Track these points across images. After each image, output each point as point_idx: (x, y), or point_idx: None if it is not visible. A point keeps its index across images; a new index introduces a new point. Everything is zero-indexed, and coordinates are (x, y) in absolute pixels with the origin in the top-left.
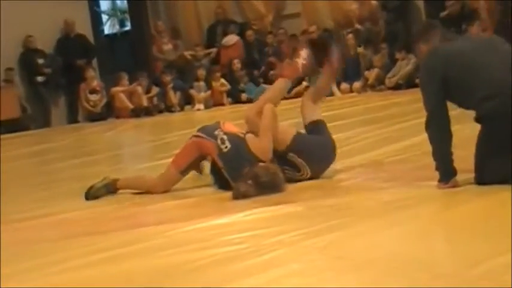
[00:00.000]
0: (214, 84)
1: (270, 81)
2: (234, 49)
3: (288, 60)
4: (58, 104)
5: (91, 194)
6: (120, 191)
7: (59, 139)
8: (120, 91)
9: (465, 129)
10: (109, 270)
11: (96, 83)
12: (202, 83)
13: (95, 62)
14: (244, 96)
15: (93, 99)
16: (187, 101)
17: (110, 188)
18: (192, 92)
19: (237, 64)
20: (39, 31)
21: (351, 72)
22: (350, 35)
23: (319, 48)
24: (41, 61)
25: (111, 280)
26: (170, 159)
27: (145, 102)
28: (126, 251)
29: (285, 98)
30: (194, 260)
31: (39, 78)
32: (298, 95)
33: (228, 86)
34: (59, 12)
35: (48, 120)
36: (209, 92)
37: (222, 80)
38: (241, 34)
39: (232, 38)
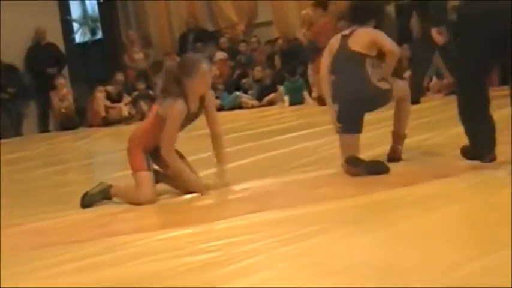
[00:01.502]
0: None
1: (243, 90)
2: (221, 65)
3: None
4: (29, 113)
5: (86, 201)
6: (114, 198)
7: (31, 148)
8: (102, 91)
9: None
10: (83, 279)
11: (65, 90)
12: None
13: (65, 70)
14: (217, 102)
15: (65, 106)
16: None
17: (105, 194)
18: None
19: (215, 71)
20: (10, 39)
21: None
22: None
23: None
24: (4, 81)
25: None
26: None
27: (125, 112)
28: (100, 260)
29: (258, 106)
30: (168, 269)
31: (2, 95)
32: (271, 102)
33: None
34: (30, 21)
35: (19, 129)
36: None
37: None
38: (215, 43)
39: (219, 55)
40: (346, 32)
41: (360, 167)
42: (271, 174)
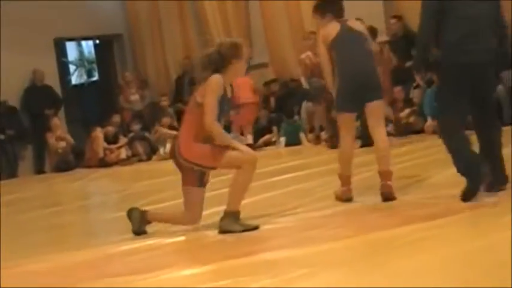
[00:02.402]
0: None
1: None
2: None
3: None
4: (25, 155)
5: (138, 232)
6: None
7: (27, 189)
8: (100, 132)
9: None
10: None
11: (60, 131)
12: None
13: (61, 111)
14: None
15: (61, 147)
16: (154, 150)
17: (145, 220)
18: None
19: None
20: (7, 81)
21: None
22: None
23: None
24: (3, 122)
25: None
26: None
27: (124, 155)
28: None
29: (254, 147)
30: None
31: (1, 136)
32: (267, 143)
33: None
34: (27, 63)
35: (15, 171)
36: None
37: None
38: None
39: None
40: (340, 19)
41: None
42: (266, 216)
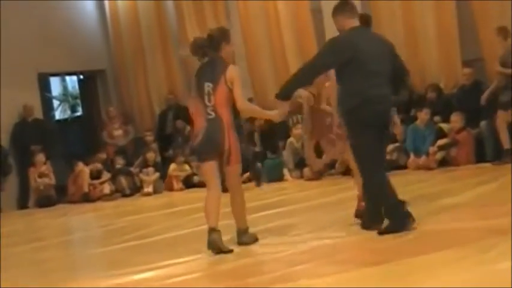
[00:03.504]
0: (172, 168)
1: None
2: None
3: None
4: (7, 190)
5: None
6: None
7: (10, 224)
8: (85, 167)
9: None
10: None
11: (45, 167)
12: (150, 168)
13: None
14: (196, 178)
15: (43, 183)
16: (138, 185)
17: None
18: (141, 175)
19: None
20: None
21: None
22: (298, 125)
23: None
24: None
25: None
26: (125, 244)
27: (107, 190)
28: None
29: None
30: None
31: None
32: (251, 179)
33: (188, 171)
34: (11, 98)
35: None
36: (157, 175)
37: (185, 166)
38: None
39: None
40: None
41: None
42: (249, 251)
